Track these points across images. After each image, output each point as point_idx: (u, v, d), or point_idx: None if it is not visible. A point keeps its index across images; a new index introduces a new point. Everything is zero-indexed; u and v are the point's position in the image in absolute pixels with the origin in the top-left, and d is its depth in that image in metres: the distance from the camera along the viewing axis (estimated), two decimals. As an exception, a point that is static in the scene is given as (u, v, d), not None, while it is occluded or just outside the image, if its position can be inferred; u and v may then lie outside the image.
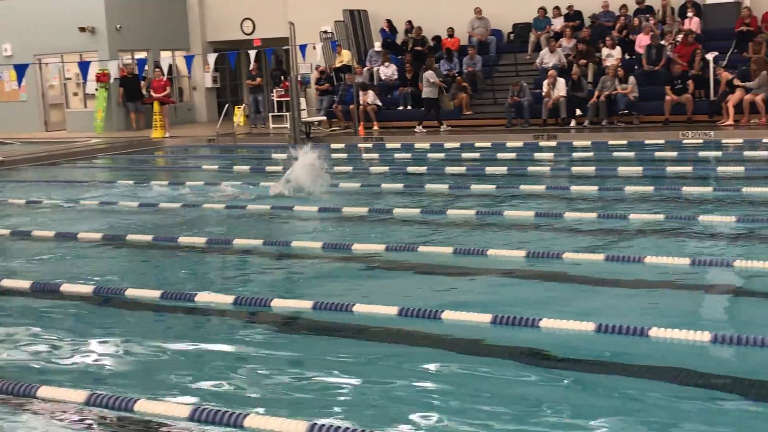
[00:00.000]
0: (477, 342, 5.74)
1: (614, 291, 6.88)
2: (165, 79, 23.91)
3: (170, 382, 5.22)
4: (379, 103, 21.73)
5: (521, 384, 5.00)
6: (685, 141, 16.52)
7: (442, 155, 16.78)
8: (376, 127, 21.26)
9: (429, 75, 20.22)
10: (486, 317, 5.96)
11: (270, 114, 23.99)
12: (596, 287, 6.96)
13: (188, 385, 5.14)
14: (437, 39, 23.43)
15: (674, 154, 15.10)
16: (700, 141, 16.39)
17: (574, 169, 14.38)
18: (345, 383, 5.08)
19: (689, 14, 20.43)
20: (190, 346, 5.88)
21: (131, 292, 7.11)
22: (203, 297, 6.85)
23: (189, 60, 23.50)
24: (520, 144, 17.45)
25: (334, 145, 19.47)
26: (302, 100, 21.97)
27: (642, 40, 20.27)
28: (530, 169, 14.17)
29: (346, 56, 23.43)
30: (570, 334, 5.65)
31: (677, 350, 5.35)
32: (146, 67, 23.83)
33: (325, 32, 24.30)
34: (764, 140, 15.66)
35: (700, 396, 4.71)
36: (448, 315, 6.07)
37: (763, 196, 10.43)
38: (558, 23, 22.41)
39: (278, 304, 6.62)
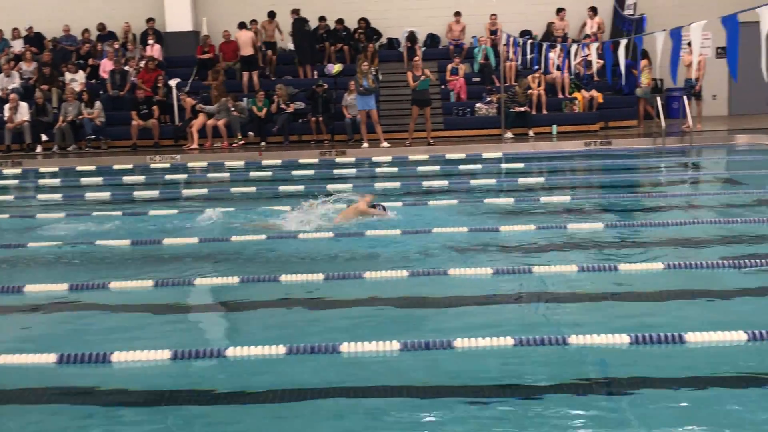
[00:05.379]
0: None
1: (195, 317, 6.73)
2: None
3: None
4: None
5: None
6: (152, 165, 16.87)
7: None
8: None
9: None
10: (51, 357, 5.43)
11: None
12: (174, 314, 6.67)
13: None
14: None
15: (142, 177, 15.33)
16: (168, 164, 16.87)
17: (41, 196, 13.83)
18: None
19: (150, 41, 20.96)
20: None
21: None
22: None
23: None
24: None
25: None
26: None
27: (106, 65, 20.30)
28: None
29: None
30: (144, 365, 5.37)
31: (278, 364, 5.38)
32: None
33: None
34: (227, 163, 16.64)
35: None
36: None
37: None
38: (18, 45, 21.40)
39: None
